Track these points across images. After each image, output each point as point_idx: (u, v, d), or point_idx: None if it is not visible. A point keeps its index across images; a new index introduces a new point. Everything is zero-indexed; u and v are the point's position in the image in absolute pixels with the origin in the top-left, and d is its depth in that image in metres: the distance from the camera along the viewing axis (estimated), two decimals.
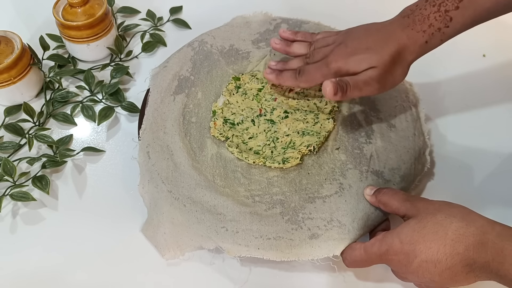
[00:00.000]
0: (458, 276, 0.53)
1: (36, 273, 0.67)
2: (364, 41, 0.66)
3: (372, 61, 0.64)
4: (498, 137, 0.80)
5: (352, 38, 0.68)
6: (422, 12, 0.64)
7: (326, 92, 0.62)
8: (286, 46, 0.76)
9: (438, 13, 0.63)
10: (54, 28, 0.88)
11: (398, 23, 0.66)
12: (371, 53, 0.64)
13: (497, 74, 0.88)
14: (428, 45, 0.65)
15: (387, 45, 0.64)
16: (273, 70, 0.74)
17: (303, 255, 0.61)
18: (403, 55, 0.65)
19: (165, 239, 0.66)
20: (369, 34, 0.67)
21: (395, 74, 0.65)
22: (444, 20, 0.63)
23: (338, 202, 0.66)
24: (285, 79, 0.72)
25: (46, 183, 0.72)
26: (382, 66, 0.64)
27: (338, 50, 0.67)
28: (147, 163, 0.70)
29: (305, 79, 0.70)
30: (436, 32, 0.64)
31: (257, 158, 0.70)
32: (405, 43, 0.64)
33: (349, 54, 0.66)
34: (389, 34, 0.65)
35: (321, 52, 0.70)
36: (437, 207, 0.56)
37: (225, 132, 0.74)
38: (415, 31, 0.64)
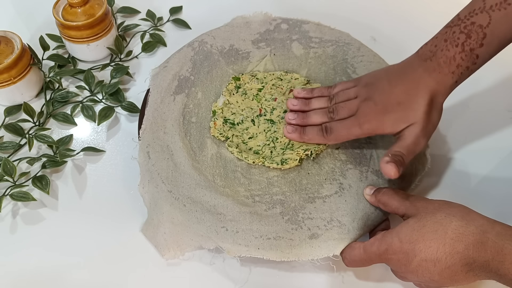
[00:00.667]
0: (457, 275, 0.53)
1: (36, 273, 0.67)
2: (393, 95, 0.63)
3: (409, 119, 0.62)
4: (498, 137, 0.80)
5: (377, 93, 0.65)
6: (446, 54, 0.62)
7: (391, 176, 0.59)
8: (304, 105, 0.73)
9: (463, 53, 0.61)
10: (54, 28, 0.88)
11: (423, 68, 0.63)
12: (404, 109, 0.62)
13: (497, 74, 0.88)
14: (457, 83, 0.63)
15: (419, 96, 0.62)
16: (295, 128, 0.71)
17: (303, 255, 0.61)
18: (435, 100, 0.63)
19: (165, 239, 0.66)
20: (394, 85, 0.64)
21: (433, 120, 0.63)
22: (471, 59, 0.61)
23: (338, 202, 0.66)
24: (311, 137, 0.70)
25: (46, 183, 0.72)
26: (421, 120, 0.61)
27: (366, 107, 0.65)
28: (147, 163, 0.70)
29: (334, 138, 0.68)
30: (464, 71, 0.62)
31: (256, 158, 0.70)
32: (436, 89, 0.62)
33: (381, 112, 0.64)
34: (418, 83, 0.63)
35: (346, 108, 0.67)
36: (437, 206, 0.56)
37: (225, 132, 0.74)
38: (443, 74, 0.62)
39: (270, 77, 0.81)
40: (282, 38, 0.86)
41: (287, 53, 0.84)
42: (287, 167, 0.69)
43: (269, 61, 0.84)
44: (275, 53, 0.84)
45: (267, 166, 0.70)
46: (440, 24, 0.65)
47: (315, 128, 0.70)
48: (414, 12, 0.98)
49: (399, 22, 0.96)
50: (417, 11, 0.98)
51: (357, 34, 0.86)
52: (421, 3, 1.00)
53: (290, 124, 0.72)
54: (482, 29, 0.60)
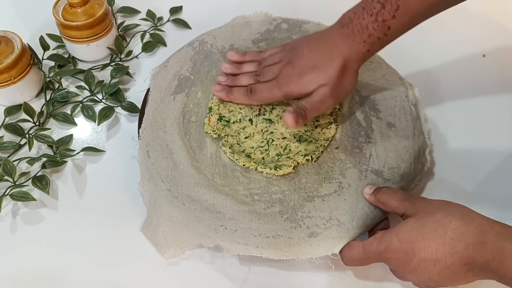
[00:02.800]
0: (457, 275, 0.53)
1: (36, 273, 0.67)
2: (309, 59, 0.67)
3: (320, 80, 0.66)
4: (498, 137, 0.80)
5: (298, 57, 0.69)
6: (360, 22, 0.65)
7: (288, 123, 0.65)
8: (236, 69, 0.76)
9: (376, 23, 0.64)
10: (54, 28, 0.88)
11: (339, 34, 0.67)
12: (317, 71, 0.66)
13: (497, 74, 0.88)
14: (370, 52, 0.66)
15: (332, 60, 0.66)
16: (223, 87, 0.75)
17: (302, 253, 0.62)
18: (348, 65, 0.66)
19: (164, 238, 0.66)
20: (312, 50, 0.68)
21: (345, 85, 0.67)
22: (383, 30, 0.64)
23: (337, 201, 0.66)
24: (237, 97, 0.74)
25: (46, 183, 0.72)
26: (331, 82, 0.66)
27: (286, 70, 0.69)
28: (146, 162, 0.70)
29: (257, 98, 0.72)
30: (376, 40, 0.65)
31: (247, 162, 0.70)
32: (349, 54, 0.66)
33: (298, 75, 0.67)
34: (332, 48, 0.66)
35: (270, 71, 0.71)
36: (436, 206, 0.56)
37: (219, 130, 0.74)
38: (355, 42, 0.65)
39: None
40: (282, 38, 0.86)
41: None
42: (281, 173, 0.69)
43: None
44: None
45: (259, 171, 0.70)
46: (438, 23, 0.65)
47: (241, 88, 0.74)
48: None
49: None
50: None
51: None
52: None
53: (219, 83, 0.76)
54: (396, 0, 0.62)
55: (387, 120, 0.74)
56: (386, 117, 0.75)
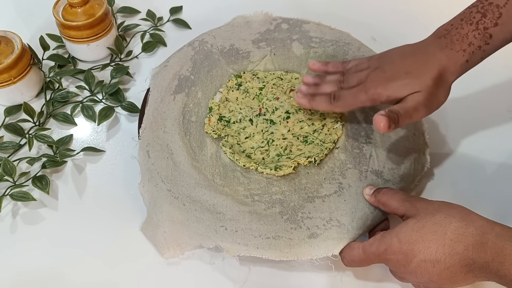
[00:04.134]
0: (456, 276, 0.53)
1: (36, 273, 0.67)
2: (402, 65, 0.63)
3: (415, 86, 0.61)
4: (498, 137, 0.80)
5: (388, 63, 0.65)
6: (460, 32, 0.62)
7: (380, 128, 0.59)
8: (318, 79, 0.73)
9: (477, 31, 0.61)
10: (54, 28, 0.88)
11: (435, 44, 0.63)
12: (411, 77, 0.62)
13: (497, 74, 0.88)
14: (469, 63, 0.63)
15: (428, 68, 0.62)
16: (305, 95, 0.71)
17: (302, 254, 0.62)
18: (444, 77, 0.62)
19: (164, 238, 0.66)
20: (405, 57, 0.64)
21: (439, 96, 0.63)
22: (484, 38, 0.61)
23: (338, 201, 0.66)
24: (319, 104, 0.70)
25: (46, 183, 0.72)
26: (426, 90, 0.61)
27: (374, 75, 0.65)
28: (146, 162, 0.70)
29: (340, 105, 0.67)
30: (476, 50, 0.61)
31: (247, 162, 0.70)
32: (446, 64, 0.62)
33: (388, 79, 0.63)
34: (428, 56, 0.63)
35: (356, 77, 0.67)
36: (436, 207, 0.56)
37: (219, 130, 0.74)
38: (454, 51, 0.62)
39: (271, 76, 0.81)
40: (283, 38, 0.86)
41: (287, 52, 0.84)
42: (281, 174, 0.69)
43: (269, 61, 0.84)
44: (275, 52, 0.84)
45: (260, 172, 0.70)
46: (438, 23, 0.65)
47: (324, 96, 0.69)
48: (414, 12, 0.98)
49: (399, 22, 0.96)
50: (417, 11, 0.98)
51: (357, 34, 0.86)
52: (421, 3, 1.00)
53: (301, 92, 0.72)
54: (499, 8, 0.60)
55: None
56: None
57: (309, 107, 0.71)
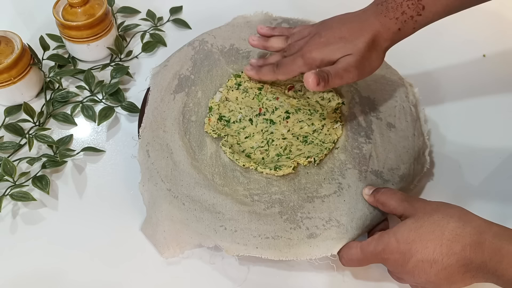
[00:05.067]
0: (454, 277, 0.53)
1: (36, 273, 0.67)
2: (338, 31, 0.67)
3: (347, 49, 0.65)
4: (498, 137, 0.80)
5: (326, 29, 0.68)
6: (395, 0, 0.64)
7: (308, 84, 0.62)
8: (263, 41, 0.77)
9: (410, 1, 0.63)
10: (54, 28, 0.88)
11: (372, 11, 0.66)
12: (345, 41, 0.65)
13: (497, 74, 0.88)
14: (401, 32, 0.65)
15: (361, 33, 0.65)
16: (253, 67, 0.77)
17: (301, 254, 0.62)
18: (377, 42, 0.65)
19: (164, 237, 0.66)
20: (343, 23, 0.68)
21: (371, 60, 0.66)
22: (417, 8, 0.63)
23: (337, 201, 0.66)
24: (264, 74, 0.74)
25: (46, 183, 0.72)
26: (357, 52, 0.65)
27: (312, 41, 0.68)
28: (146, 162, 0.70)
29: (282, 71, 0.71)
30: (408, 19, 0.64)
31: (247, 162, 0.70)
32: (379, 30, 0.65)
33: (323, 44, 0.67)
34: (363, 22, 0.66)
35: (297, 45, 0.71)
36: (434, 207, 0.56)
37: (219, 130, 0.74)
38: (388, 18, 0.65)
39: None
40: None
41: None
42: (280, 174, 0.69)
43: None
44: None
45: (259, 171, 0.70)
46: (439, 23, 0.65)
47: (269, 66, 0.74)
48: None
49: None
50: None
51: None
52: None
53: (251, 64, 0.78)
54: None
55: (387, 121, 0.74)
56: (386, 118, 0.75)
57: (256, 77, 0.76)
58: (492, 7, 0.85)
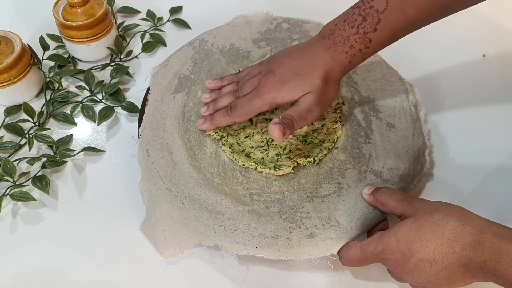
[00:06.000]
0: (454, 276, 0.53)
1: (36, 273, 0.67)
2: (291, 67, 0.66)
3: (305, 87, 0.65)
4: (498, 137, 0.80)
5: (277, 65, 0.67)
6: (342, 34, 0.64)
7: (274, 136, 0.62)
8: (215, 95, 0.74)
9: (357, 35, 0.63)
10: (54, 28, 0.88)
11: (320, 45, 0.66)
12: (301, 78, 0.65)
13: (497, 74, 0.88)
14: (352, 64, 0.66)
15: (315, 68, 0.65)
16: (204, 118, 0.73)
17: (301, 254, 0.62)
18: (331, 75, 0.65)
19: (164, 237, 0.66)
20: (293, 58, 0.67)
21: (329, 94, 0.66)
22: (364, 42, 0.64)
23: (337, 201, 0.66)
24: (219, 120, 0.71)
25: (46, 183, 0.72)
26: (316, 90, 0.64)
27: (266, 79, 0.67)
28: (146, 161, 0.70)
29: (239, 113, 0.69)
30: (357, 52, 0.64)
31: (247, 161, 0.70)
32: (331, 64, 0.65)
33: (280, 82, 0.66)
34: (314, 57, 0.66)
35: (248, 84, 0.70)
36: (434, 207, 0.56)
37: (221, 131, 0.74)
38: (338, 53, 0.65)
39: None
40: (283, 38, 0.86)
41: None
42: (280, 173, 0.69)
43: None
44: (275, 52, 0.84)
45: (259, 171, 0.70)
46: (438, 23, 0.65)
47: (222, 110, 0.71)
48: None
49: None
50: None
51: None
52: None
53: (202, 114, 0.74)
54: (378, 14, 0.62)
55: (387, 121, 0.74)
56: (386, 118, 0.75)
57: (212, 127, 0.72)
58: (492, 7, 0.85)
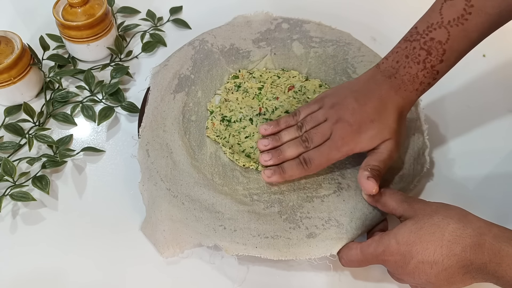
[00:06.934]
0: (454, 278, 0.53)
1: (36, 273, 0.67)
2: (364, 114, 0.64)
3: (384, 135, 0.63)
4: (498, 137, 0.80)
5: (348, 113, 0.65)
6: (409, 71, 0.63)
7: (370, 192, 0.61)
8: (275, 142, 0.70)
9: (425, 70, 0.63)
10: (54, 28, 0.88)
11: (389, 85, 0.65)
12: (378, 126, 0.63)
13: (497, 74, 0.88)
14: (419, 98, 0.67)
15: (389, 113, 0.64)
16: (273, 170, 0.67)
17: (301, 254, 0.62)
18: (402, 115, 0.65)
19: (164, 237, 0.66)
20: (363, 103, 0.65)
21: (403, 133, 0.66)
22: (432, 75, 0.63)
23: (336, 201, 0.66)
24: (292, 173, 0.67)
25: (46, 183, 0.72)
26: (394, 135, 0.63)
27: (341, 130, 0.64)
28: (146, 161, 0.70)
29: (315, 167, 0.66)
30: (426, 87, 0.64)
31: (247, 162, 0.70)
32: (403, 105, 0.64)
33: (356, 132, 0.64)
34: (385, 100, 0.64)
35: (319, 133, 0.66)
36: (434, 208, 0.56)
37: (222, 133, 0.74)
38: (408, 92, 0.64)
39: (267, 75, 0.81)
40: (283, 38, 0.86)
41: (288, 52, 0.84)
42: None
43: (269, 61, 0.84)
44: (275, 52, 0.84)
45: (260, 171, 0.70)
46: None
47: (293, 162, 0.67)
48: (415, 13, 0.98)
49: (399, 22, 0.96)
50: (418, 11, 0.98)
51: (357, 34, 0.86)
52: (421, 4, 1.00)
53: (267, 166, 0.69)
54: (442, 45, 0.62)
55: None
56: None
57: (281, 180, 0.67)
58: None
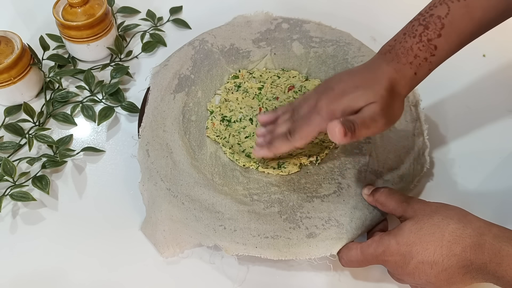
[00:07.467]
0: (454, 278, 0.53)
1: (36, 273, 0.67)
2: (351, 82, 0.60)
3: (369, 97, 0.58)
4: (498, 137, 0.80)
5: (336, 82, 0.62)
6: (404, 45, 0.60)
7: (335, 135, 0.55)
8: (272, 127, 0.68)
9: (420, 43, 0.60)
10: (54, 28, 0.88)
11: (381, 60, 0.62)
12: (363, 89, 0.59)
13: (497, 74, 0.88)
14: (418, 76, 0.61)
15: (377, 80, 0.59)
16: (262, 146, 0.67)
17: (301, 254, 0.62)
18: (396, 89, 0.60)
19: (164, 237, 0.66)
20: (353, 74, 0.62)
21: (394, 109, 0.60)
22: (429, 50, 0.60)
23: (336, 201, 0.66)
24: (278, 147, 0.65)
25: (46, 183, 0.72)
26: (381, 100, 0.58)
27: (325, 96, 0.61)
28: (146, 161, 0.70)
29: (299, 136, 0.62)
30: (423, 62, 0.60)
31: (247, 162, 0.70)
32: (395, 77, 0.60)
33: (340, 95, 0.60)
34: (375, 71, 0.61)
35: (305, 105, 0.64)
36: (434, 209, 0.56)
37: (222, 133, 0.74)
38: (401, 64, 0.60)
39: (267, 75, 0.81)
40: (283, 38, 0.86)
41: (288, 52, 0.84)
42: (286, 173, 0.69)
43: (269, 60, 0.84)
44: (275, 52, 0.84)
45: (261, 171, 0.70)
46: None
47: (280, 136, 0.65)
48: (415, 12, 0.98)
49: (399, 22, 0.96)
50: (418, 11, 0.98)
51: (357, 34, 0.86)
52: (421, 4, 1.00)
53: (257, 145, 0.69)
54: (440, 19, 0.60)
55: None
56: None
57: (271, 154, 0.66)
58: None
